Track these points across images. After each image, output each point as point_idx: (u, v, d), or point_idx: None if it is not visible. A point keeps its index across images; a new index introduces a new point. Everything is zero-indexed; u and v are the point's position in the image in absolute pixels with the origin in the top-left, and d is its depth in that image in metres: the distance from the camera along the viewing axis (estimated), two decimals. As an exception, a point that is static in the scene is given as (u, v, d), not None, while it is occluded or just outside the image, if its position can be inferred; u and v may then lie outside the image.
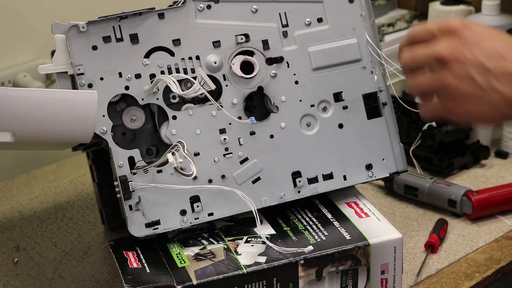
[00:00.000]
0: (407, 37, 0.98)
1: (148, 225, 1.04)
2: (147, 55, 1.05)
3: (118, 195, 1.04)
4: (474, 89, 0.90)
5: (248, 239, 1.05)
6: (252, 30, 1.08)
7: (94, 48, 1.04)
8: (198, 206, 1.05)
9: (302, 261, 1.01)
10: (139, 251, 1.04)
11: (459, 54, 0.91)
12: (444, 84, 0.92)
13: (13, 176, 1.46)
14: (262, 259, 1.01)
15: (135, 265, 1.01)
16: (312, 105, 1.10)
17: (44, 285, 1.15)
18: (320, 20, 1.10)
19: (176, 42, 1.06)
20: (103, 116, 1.04)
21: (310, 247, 1.02)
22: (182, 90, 1.03)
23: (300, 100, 1.10)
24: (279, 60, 1.09)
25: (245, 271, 1.00)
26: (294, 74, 1.09)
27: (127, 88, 1.05)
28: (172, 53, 1.06)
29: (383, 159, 1.12)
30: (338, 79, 1.11)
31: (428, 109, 0.98)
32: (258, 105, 1.09)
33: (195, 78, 1.05)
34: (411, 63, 0.97)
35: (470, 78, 0.90)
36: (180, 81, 1.05)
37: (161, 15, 1.06)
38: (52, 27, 1.03)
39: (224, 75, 1.07)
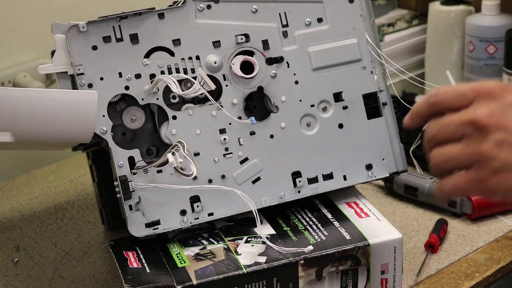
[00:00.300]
0: (430, 102, 0.83)
1: (148, 225, 1.04)
2: (147, 55, 1.05)
3: (118, 195, 1.04)
4: None
5: (248, 239, 1.05)
6: (252, 30, 1.08)
7: (94, 48, 1.04)
8: (198, 206, 1.05)
9: (302, 261, 1.01)
10: (139, 251, 1.04)
11: (500, 119, 0.79)
12: (482, 153, 0.79)
13: (13, 176, 1.46)
14: (262, 259, 1.01)
15: (135, 265, 1.01)
16: (312, 105, 1.10)
17: (44, 285, 1.15)
18: (320, 20, 1.10)
19: (176, 42, 1.06)
20: (103, 116, 1.04)
21: (310, 247, 1.02)
22: (182, 90, 1.03)
23: (300, 100, 1.10)
24: (279, 60, 1.09)
25: (245, 271, 1.00)
26: (294, 74, 1.09)
27: (127, 88, 1.05)
28: (172, 53, 1.06)
29: (383, 159, 1.12)
30: (338, 79, 1.11)
31: (455, 183, 0.82)
32: (258, 105, 1.09)
33: (195, 78, 1.05)
34: (441, 135, 0.82)
35: None
36: (180, 81, 1.05)
37: (161, 15, 1.06)
38: (52, 27, 1.03)
39: (224, 75, 1.07)
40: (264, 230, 1.07)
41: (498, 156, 0.79)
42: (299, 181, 1.09)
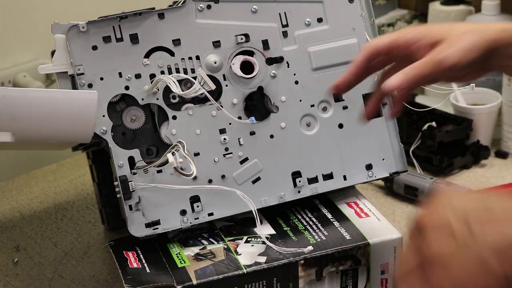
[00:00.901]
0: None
1: (148, 225, 1.04)
2: (147, 55, 1.05)
3: (118, 195, 1.04)
4: (454, 243, 0.72)
5: (248, 239, 1.05)
6: (252, 30, 1.08)
7: (94, 48, 1.04)
8: (198, 206, 1.05)
9: (302, 261, 1.01)
10: (139, 251, 1.04)
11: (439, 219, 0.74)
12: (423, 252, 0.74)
13: (13, 176, 1.46)
14: (262, 259, 1.01)
15: (135, 265, 1.01)
16: (312, 105, 1.10)
17: (44, 285, 1.15)
18: (320, 20, 1.10)
19: (176, 42, 1.06)
20: (103, 116, 1.04)
21: (310, 247, 1.02)
22: (182, 90, 1.03)
23: (300, 100, 1.10)
24: (279, 60, 1.09)
25: (245, 271, 1.00)
26: (294, 74, 1.09)
27: (127, 88, 1.05)
28: (172, 53, 1.06)
29: (383, 159, 1.12)
30: (338, 79, 1.11)
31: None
32: (258, 105, 1.09)
33: (195, 78, 1.05)
34: None
35: (448, 227, 0.72)
36: (180, 81, 1.05)
37: (161, 15, 1.06)
38: (52, 27, 1.03)
39: (224, 75, 1.07)
40: (264, 230, 1.07)
41: (436, 246, 0.73)
42: (299, 181, 1.09)
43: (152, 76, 1.05)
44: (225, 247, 1.04)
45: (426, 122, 1.39)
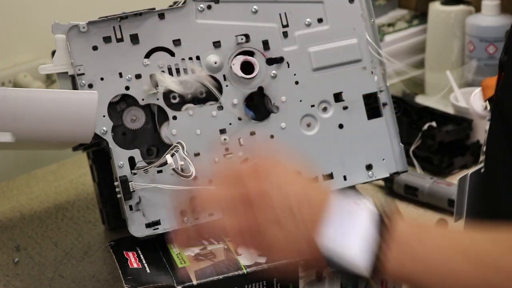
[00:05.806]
0: None
1: (148, 225, 1.04)
2: (147, 56, 1.05)
3: (118, 195, 1.04)
4: (282, 234, 0.83)
5: (248, 239, 1.05)
6: (252, 30, 1.08)
7: (95, 48, 1.04)
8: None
9: (302, 262, 1.01)
10: (139, 251, 1.04)
11: (267, 197, 0.83)
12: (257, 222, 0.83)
13: (13, 176, 1.46)
14: (262, 259, 1.01)
15: (135, 265, 1.01)
16: (312, 105, 1.10)
17: (44, 285, 1.15)
18: (320, 20, 1.10)
19: (177, 42, 1.06)
20: (104, 116, 1.04)
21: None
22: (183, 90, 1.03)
23: (300, 101, 1.10)
24: (279, 60, 1.09)
25: (245, 271, 1.00)
26: (294, 75, 1.09)
27: (127, 88, 1.05)
28: (172, 54, 1.06)
29: (383, 159, 1.12)
30: (338, 80, 1.11)
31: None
32: (258, 106, 1.09)
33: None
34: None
35: (271, 201, 0.82)
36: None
37: (161, 15, 1.06)
38: (53, 27, 1.03)
39: (224, 75, 1.07)
40: (264, 230, 1.06)
41: (267, 231, 0.84)
42: (299, 181, 1.09)
43: (153, 76, 1.05)
44: (225, 247, 1.04)
45: (426, 122, 1.39)
